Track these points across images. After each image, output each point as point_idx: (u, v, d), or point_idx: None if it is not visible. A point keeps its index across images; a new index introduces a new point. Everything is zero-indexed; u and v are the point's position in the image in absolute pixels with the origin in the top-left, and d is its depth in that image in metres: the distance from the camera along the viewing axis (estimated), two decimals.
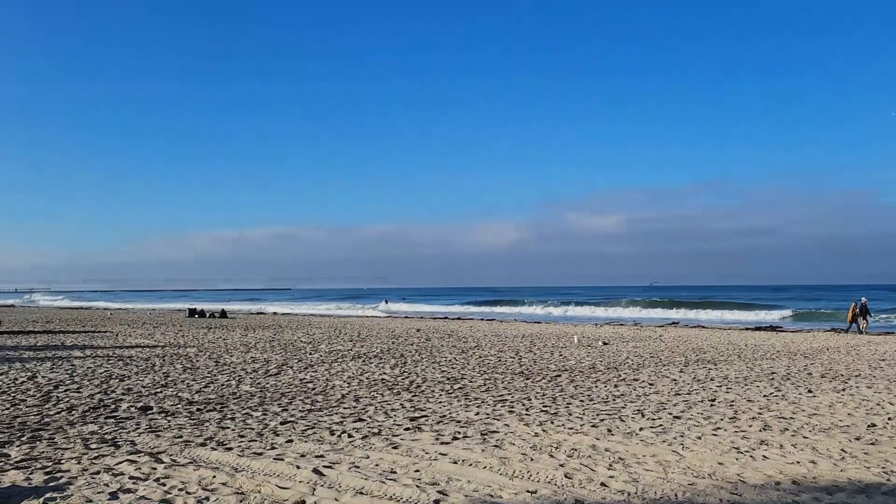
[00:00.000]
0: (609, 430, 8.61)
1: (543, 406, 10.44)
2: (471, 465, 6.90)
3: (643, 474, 6.57)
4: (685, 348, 21.33)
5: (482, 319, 45.59)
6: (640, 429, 8.73)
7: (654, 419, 9.41)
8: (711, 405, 10.62)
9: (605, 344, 22.71)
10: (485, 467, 6.80)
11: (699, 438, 8.19)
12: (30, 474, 6.45)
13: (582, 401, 10.98)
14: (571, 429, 8.71)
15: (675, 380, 13.62)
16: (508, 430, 8.60)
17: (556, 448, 7.64)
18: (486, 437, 8.21)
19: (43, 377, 13.27)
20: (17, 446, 7.60)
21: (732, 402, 10.97)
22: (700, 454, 7.39)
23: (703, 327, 36.14)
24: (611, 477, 6.46)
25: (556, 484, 6.26)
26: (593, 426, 8.89)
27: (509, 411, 9.98)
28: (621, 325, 39.14)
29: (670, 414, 9.82)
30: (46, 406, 10.16)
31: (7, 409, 9.91)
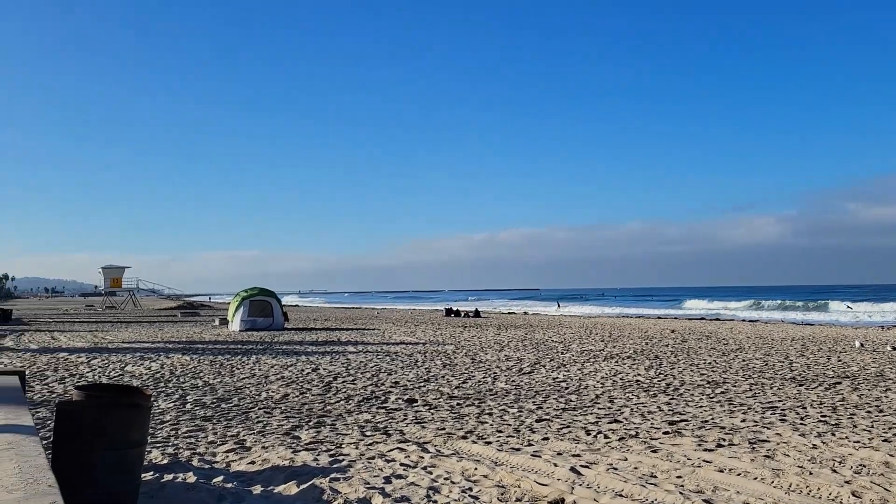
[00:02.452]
0: None
1: (822, 416, 9.45)
2: (739, 474, 6.45)
3: None
4: None
5: (743, 321, 42.54)
6: None
7: None
8: None
9: (894, 349, 20.00)
10: (755, 478, 6.31)
11: None
12: (317, 455, 7.22)
13: (869, 412, 9.76)
14: (857, 442, 7.78)
15: None
16: (781, 440, 7.90)
17: (840, 463, 6.87)
18: (754, 445, 7.63)
19: (324, 369, 14.81)
20: (306, 430, 8.55)
21: None
22: None
23: None
24: None
25: (841, 502, 5.63)
26: (885, 441, 7.86)
27: (781, 419, 9.18)
28: None
29: None
30: (328, 395, 11.31)
31: (297, 396, 11.20)
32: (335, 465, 6.82)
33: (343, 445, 7.71)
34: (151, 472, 6.45)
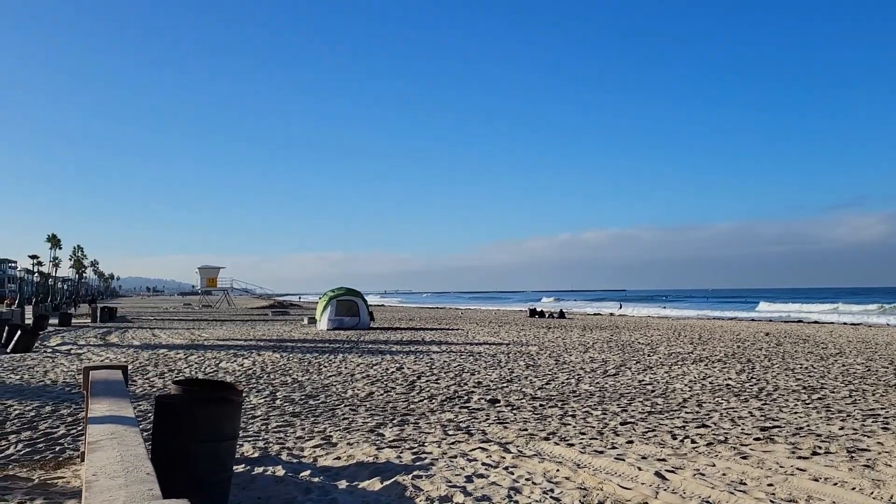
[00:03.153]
0: None
1: None
2: (835, 483, 6.17)
3: None
4: None
5: (844, 324, 40.49)
6: None
7: None
8: None
9: None
10: (853, 488, 6.02)
11: None
12: (400, 453, 7.34)
13: None
14: None
15: None
16: (882, 450, 7.50)
17: None
18: (853, 454, 7.28)
19: (408, 368, 15.01)
20: (390, 428, 8.70)
21: None
22: None
23: None
24: None
25: None
26: None
27: (883, 428, 8.71)
28: None
29: None
30: (411, 394, 11.46)
31: (382, 395, 11.41)
32: (418, 463, 6.92)
33: (426, 444, 7.81)
34: (243, 465, 6.72)
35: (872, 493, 5.89)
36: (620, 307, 69.90)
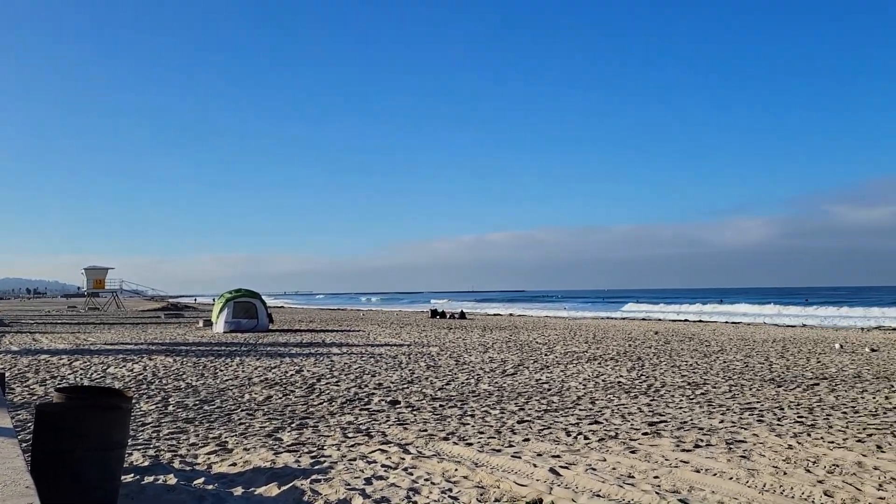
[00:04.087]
0: (879, 447, 7.70)
1: (798, 417, 9.59)
2: (715, 474, 6.56)
3: None
4: None
5: (727, 322, 42.89)
6: None
7: None
8: None
9: (873, 350, 20.27)
10: (731, 478, 6.42)
11: None
12: (298, 457, 7.25)
13: (844, 412, 9.92)
14: (832, 443, 7.92)
15: None
16: (757, 441, 8.03)
17: (814, 463, 6.99)
18: (731, 446, 7.75)
19: (308, 371, 14.82)
20: (288, 432, 8.58)
21: None
22: None
23: None
24: (881, 498, 5.78)
25: (813, 501, 5.74)
26: (859, 441, 8.00)
27: (758, 420, 9.32)
28: (893, 329, 34.67)
29: None
30: (311, 397, 11.33)
31: (280, 398, 11.22)
32: (316, 467, 6.86)
33: (325, 447, 7.75)
34: (132, 475, 6.47)
35: (748, 481, 6.30)
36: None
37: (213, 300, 34.55)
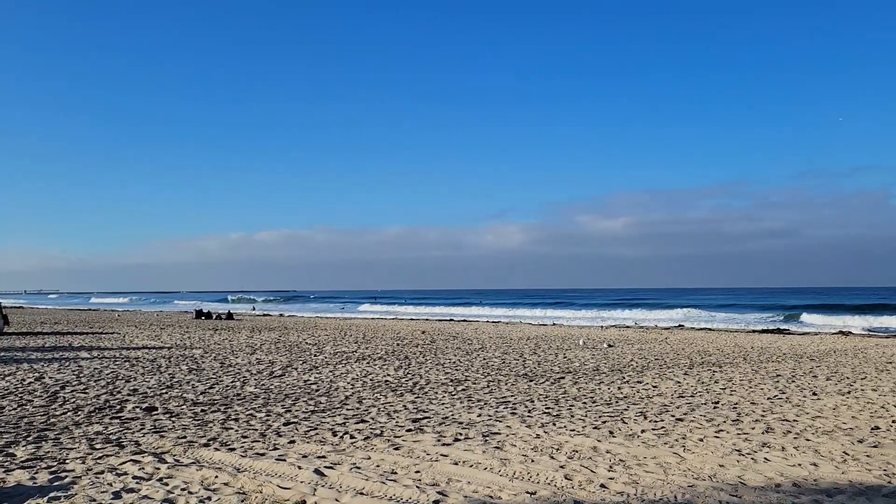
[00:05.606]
0: (611, 432, 8.64)
1: (546, 408, 10.47)
2: (471, 466, 6.94)
3: (643, 476, 6.59)
4: (690, 350, 21.31)
5: (487, 321, 45.60)
6: (642, 431, 8.75)
7: (656, 421, 9.43)
8: (714, 408, 10.62)
9: (610, 346, 22.70)
10: (485, 468, 6.84)
11: (701, 441, 8.21)
12: (35, 474, 6.52)
13: (584, 403, 11.00)
14: (573, 430, 8.74)
15: (678, 382, 13.62)
16: (510, 432, 8.63)
17: (557, 450, 7.67)
18: (487, 438, 8.25)
19: (50, 378, 13.38)
20: (23, 446, 7.68)
21: (736, 404, 10.97)
22: (701, 456, 7.41)
23: (710, 330, 36.06)
24: (611, 478, 6.49)
25: (555, 485, 6.29)
26: (595, 428, 8.92)
27: (511, 413, 10.02)
28: (627, 327, 39.10)
29: (673, 416, 9.84)
30: (53, 406, 10.24)
31: (14, 409, 10.00)
32: (56, 483, 6.21)
33: (67, 461, 7.04)
34: None
35: (500, 470, 6.75)
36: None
37: None
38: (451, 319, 48.97)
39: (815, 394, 12.17)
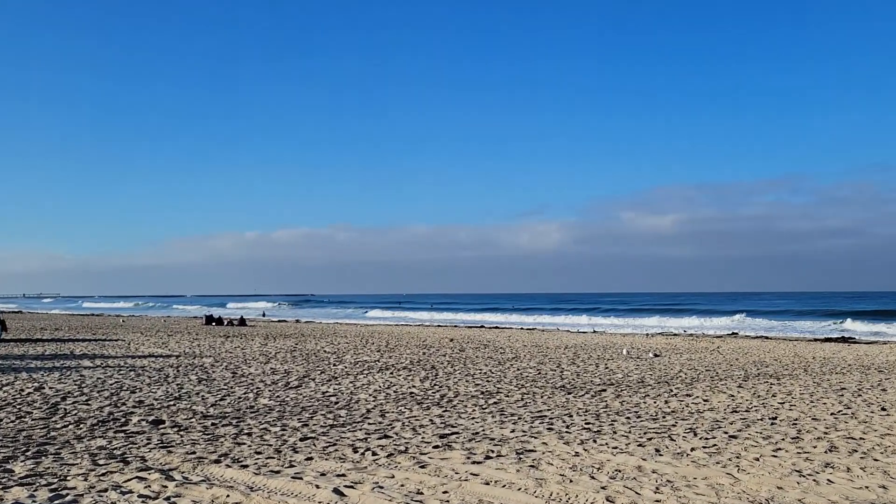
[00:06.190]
0: (657, 450, 8.56)
1: (586, 423, 10.40)
2: (504, 486, 6.91)
3: (693, 498, 6.52)
4: (745, 361, 21.06)
5: (522, 329, 45.50)
6: (692, 449, 8.66)
7: (707, 438, 9.32)
8: (772, 424, 10.48)
9: (656, 356, 22.52)
10: (519, 489, 6.81)
11: (757, 460, 8.10)
12: (34, 491, 6.62)
13: (628, 418, 10.91)
14: (615, 448, 8.67)
15: (732, 395, 13.46)
16: (546, 449, 8.59)
17: (598, 469, 7.61)
18: (521, 456, 8.22)
19: (50, 388, 13.61)
20: (22, 462, 7.81)
21: (796, 420, 10.81)
22: (757, 477, 7.31)
23: (766, 338, 35.62)
24: (657, 501, 6.42)
25: None
26: (640, 445, 8.84)
27: (548, 428, 9.97)
28: (675, 335, 38.76)
29: (725, 433, 9.72)
30: (53, 419, 10.41)
31: (12, 421, 10.19)
32: (57, 502, 6.31)
33: (69, 478, 7.15)
34: None
35: (535, 491, 6.71)
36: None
37: None
38: (482, 326, 48.96)
39: (883, 409, 11.95)
